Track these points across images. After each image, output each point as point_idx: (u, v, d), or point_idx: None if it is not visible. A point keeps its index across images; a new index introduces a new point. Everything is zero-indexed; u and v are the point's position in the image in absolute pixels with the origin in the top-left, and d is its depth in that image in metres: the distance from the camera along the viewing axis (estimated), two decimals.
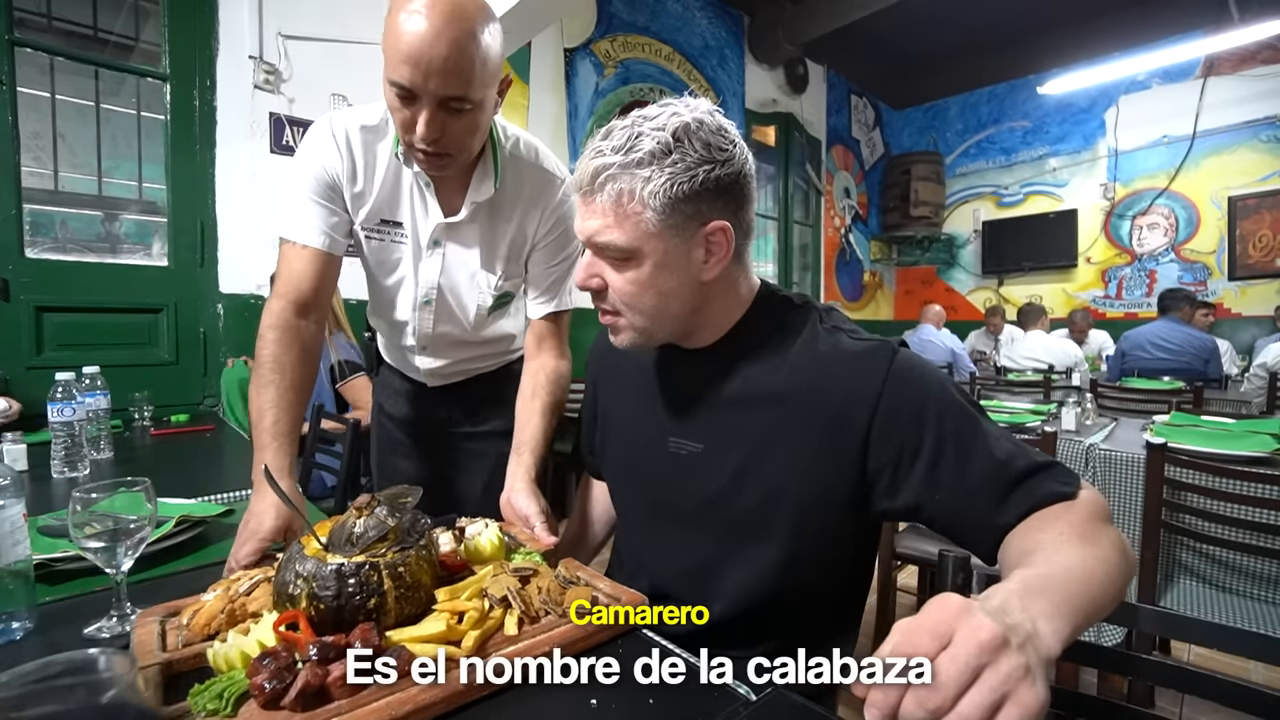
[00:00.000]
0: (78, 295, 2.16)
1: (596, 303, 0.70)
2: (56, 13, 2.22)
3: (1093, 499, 0.61)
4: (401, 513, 0.61)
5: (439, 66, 0.78)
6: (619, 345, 0.72)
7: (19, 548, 0.63)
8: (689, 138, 0.62)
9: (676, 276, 0.66)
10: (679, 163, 0.61)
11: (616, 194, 0.62)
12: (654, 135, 0.61)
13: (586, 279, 0.69)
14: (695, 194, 0.62)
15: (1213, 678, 0.58)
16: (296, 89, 2.56)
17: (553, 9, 2.33)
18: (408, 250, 1.04)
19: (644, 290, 0.66)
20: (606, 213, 0.64)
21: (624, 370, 0.85)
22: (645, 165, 0.61)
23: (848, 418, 0.65)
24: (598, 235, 0.65)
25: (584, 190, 0.65)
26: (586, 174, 0.64)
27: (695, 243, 0.65)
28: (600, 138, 0.65)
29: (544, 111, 3.54)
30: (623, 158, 0.62)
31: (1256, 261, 4.78)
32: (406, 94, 0.82)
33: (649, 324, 0.69)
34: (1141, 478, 1.47)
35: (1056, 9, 4.84)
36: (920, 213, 6.13)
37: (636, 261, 0.65)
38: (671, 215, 0.63)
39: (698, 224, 0.64)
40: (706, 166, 0.62)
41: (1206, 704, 1.48)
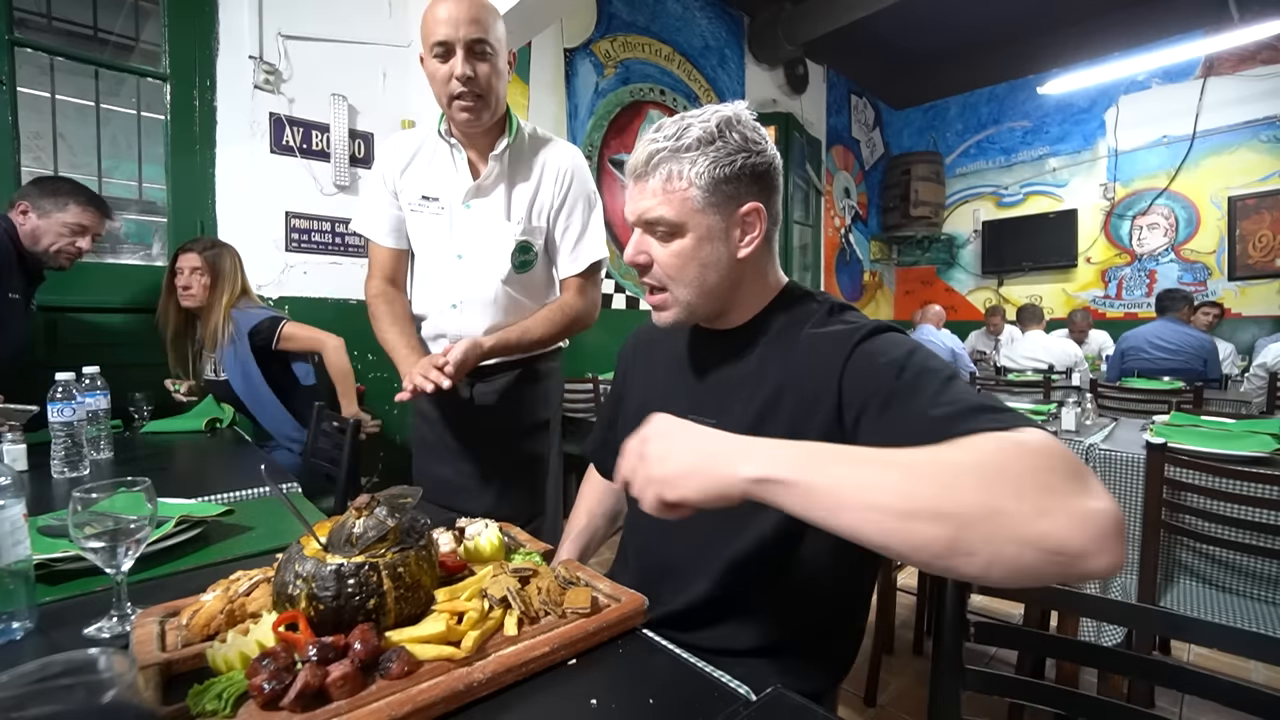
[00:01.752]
0: (78, 295, 2.15)
1: (643, 278, 0.78)
2: (56, 13, 2.22)
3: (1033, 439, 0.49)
4: (401, 513, 0.61)
5: (465, 18, 1.12)
6: (662, 323, 0.79)
7: (19, 548, 0.63)
8: (730, 129, 0.71)
9: (716, 251, 0.73)
10: (721, 149, 0.70)
11: (666, 174, 0.71)
12: (701, 125, 0.71)
13: (635, 254, 0.76)
14: (734, 177, 0.71)
15: (1213, 678, 0.58)
16: (296, 89, 2.56)
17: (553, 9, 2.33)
18: (445, 217, 1.29)
19: (688, 262, 0.73)
20: (657, 192, 0.72)
21: (657, 359, 0.91)
22: (692, 150, 0.70)
23: (826, 387, 0.68)
24: (649, 212, 0.73)
25: (637, 174, 0.74)
26: (641, 159, 0.73)
27: (733, 221, 0.73)
28: (653, 130, 0.74)
29: (544, 112, 3.54)
30: (673, 143, 0.71)
31: (1256, 261, 4.78)
32: (444, 49, 1.14)
33: (691, 296, 0.75)
34: (1141, 478, 1.47)
35: (1056, 9, 4.84)
36: (920, 213, 6.13)
37: (681, 235, 0.73)
38: (714, 194, 0.71)
39: (735, 204, 0.72)
40: (744, 154, 0.71)
41: (1206, 704, 1.48)
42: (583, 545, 1.00)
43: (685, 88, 4.36)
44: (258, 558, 0.85)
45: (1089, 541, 0.42)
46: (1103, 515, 0.43)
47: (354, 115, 2.72)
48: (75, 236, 1.74)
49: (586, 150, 3.79)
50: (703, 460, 0.52)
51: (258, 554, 0.86)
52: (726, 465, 0.51)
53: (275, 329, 1.99)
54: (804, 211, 5.49)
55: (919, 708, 1.73)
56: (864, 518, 0.46)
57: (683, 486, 0.52)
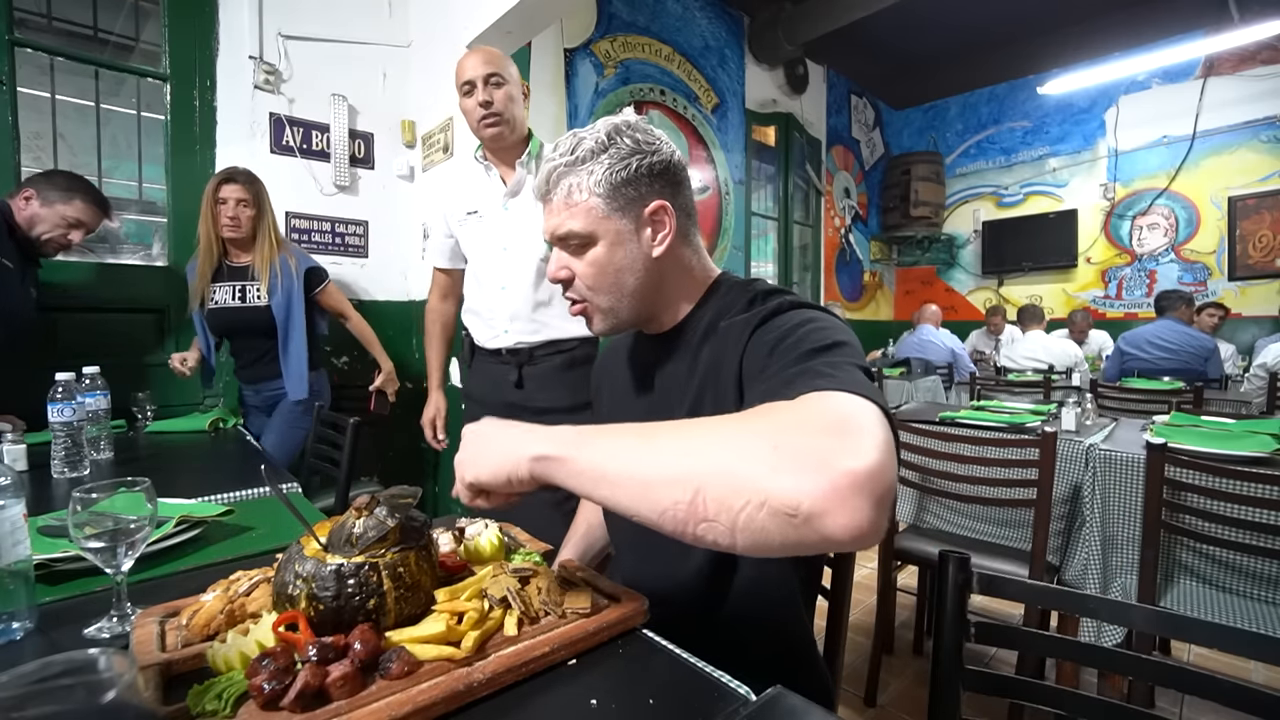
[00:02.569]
0: (78, 295, 2.15)
1: (567, 295, 0.79)
2: (56, 13, 2.22)
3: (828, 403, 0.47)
4: (401, 513, 0.61)
5: (481, 60, 1.52)
6: (594, 332, 0.81)
7: (19, 548, 0.63)
8: (620, 135, 0.74)
9: (629, 254, 0.75)
10: (615, 155, 0.73)
11: (567, 189, 0.74)
12: (592, 137, 0.73)
13: (556, 271, 0.78)
14: (633, 179, 0.73)
15: (1213, 678, 0.58)
16: (296, 89, 2.56)
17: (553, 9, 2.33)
18: (487, 221, 1.60)
19: (603, 270, 0.75)
20: (561, 208, 0.74)
21: (618, 373, 0.93)
22: (587, 161, 0.73)
23: (732, 373, 0.69)
24: (559, 228, 0.75)
25: (542, 194, 0.76)
26: (542, 179, 0.76)
27: (642, 222, 0.75)
28: (550, 149, 0.76)
29: (544, 112, 3.54)
30: (569, 158, 0.73)
31: (1256, 262, 4.78)
32: (469, 86, 1.52)
33: (612, 302, 0.77)
34: (1141, 478, 1.47)
35: (1056, 9, 4.84)
36: (920, 213, 6.13)
37: (592, 244, 0.74)
38: (615, 199, 0.73)
39: (640, 205, 0.74)
40: (638, 156, 0.73)
41: (1206, 704, 1.49)
42: (580, 551, 1.00)
43: (685, 88, 4.36)
44: (258, 558, 0.85)
45: (819, 499, 0.39)
46: (840, 472, 0.39)
47: (354, 115, 2.72)
48: (70, 230, 1.74)
49: None
50: (499, 445, 0.56)
51: (258, 554, 0.86)
52: (516, 447, 0.54)
53: (324, 278, 2.13)
54: (804, 211, 5.49)
55: (919, 708, 1.73)
56: (619, 487, 0.47)
57: (477, 464, 0.56)
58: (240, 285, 2.00)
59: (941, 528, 1.86)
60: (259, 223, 1.99)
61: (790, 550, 0.41)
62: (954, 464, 1.70)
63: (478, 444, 0.58)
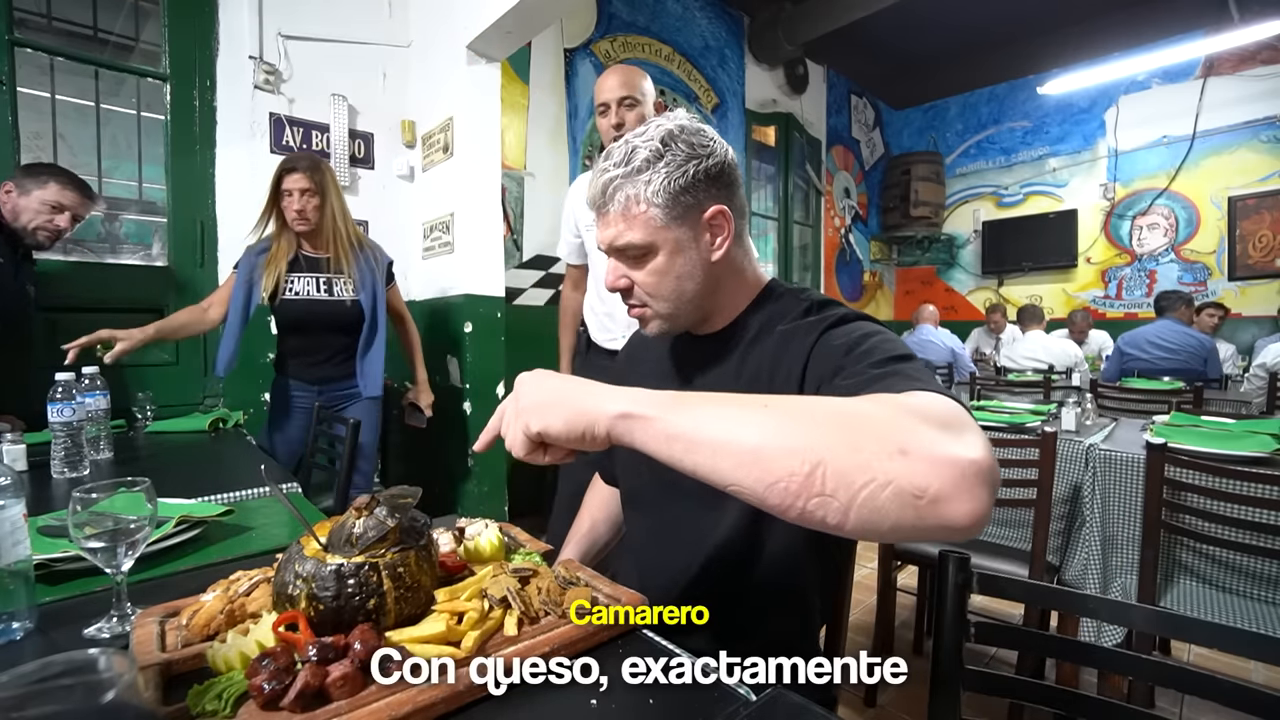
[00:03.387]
0: (78, 295, 2.15)
1: (626, 300, 0.79)
2: (56, 13, 2.22)
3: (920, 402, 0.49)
4: (401, 513, 0.61)
5: (617, 82, 1.66)
6: (650, 334, 0.81)
7: (19, 548, 0.63)
8: (674, 141, 0.72)
9: (689, 261, 0.75)
10: (671, 162, 0.71)
11: (624, 201, 0.72)
12: (646, 146, 0.72)
13: (614, 281, 0.78)
14: (690, 186, 0.72)
15: (1213, 678, 0.58)
16: (296, 89, 2.56)
17: (553, 9, 2.33)
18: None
19: (663, 278, 0.75)
20: (619, 220, 0.73)
21: (646, 366, 0.93)
22: (644, 170, 0.71)
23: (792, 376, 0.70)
24: (616, 240, 0.74)
25: (597, 206, 0.75)
26: (597, 191, 0.74)
27: (700, 228, 0.74)
28: (602, 159, 0.75)
29: (544, 111, 3.54)
30: (624, 169, 0.72)
31: (1256, 262, 4.78)
32: (605, 108, 1.67)
33: (672, 308, 0.77)
34: (1141, 478, 1.47)
35: (1056, 9, 4.84)
36: (920, 213, 6.13)
37: (653, 255, 0.74)
38: (674, 207, 0.72)
39: (699, 211, 0.73)
40: (694, 161, 0.72)
41: (1206, 704, 1.48)
42: (583, 550, 1.00)
43: (685, 88, 4.36)
44: (258, 558, 0.85)
45: (948, 484, 0.40)
46: (967, 461, 0.41)
47: (354, 115, 2.72)
48: (54, 214, 1.73)
49: (586, 150, 3.79)
50: (572, 394, 0.53)
51: (258, 554, 0.86)
52: (595, 400, 0.51)
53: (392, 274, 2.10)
54: (804, 211, 5.49)
55: (919, 708, 1.73)
56: (720, 454, 0.45)
57: (548, 415, 0.52)
58: (325, 278, 1.91)
59: None
60: (325, 210, 1.87)
61: (896, 535, 0.42)
62: None
63: (547, 394, 0.54)
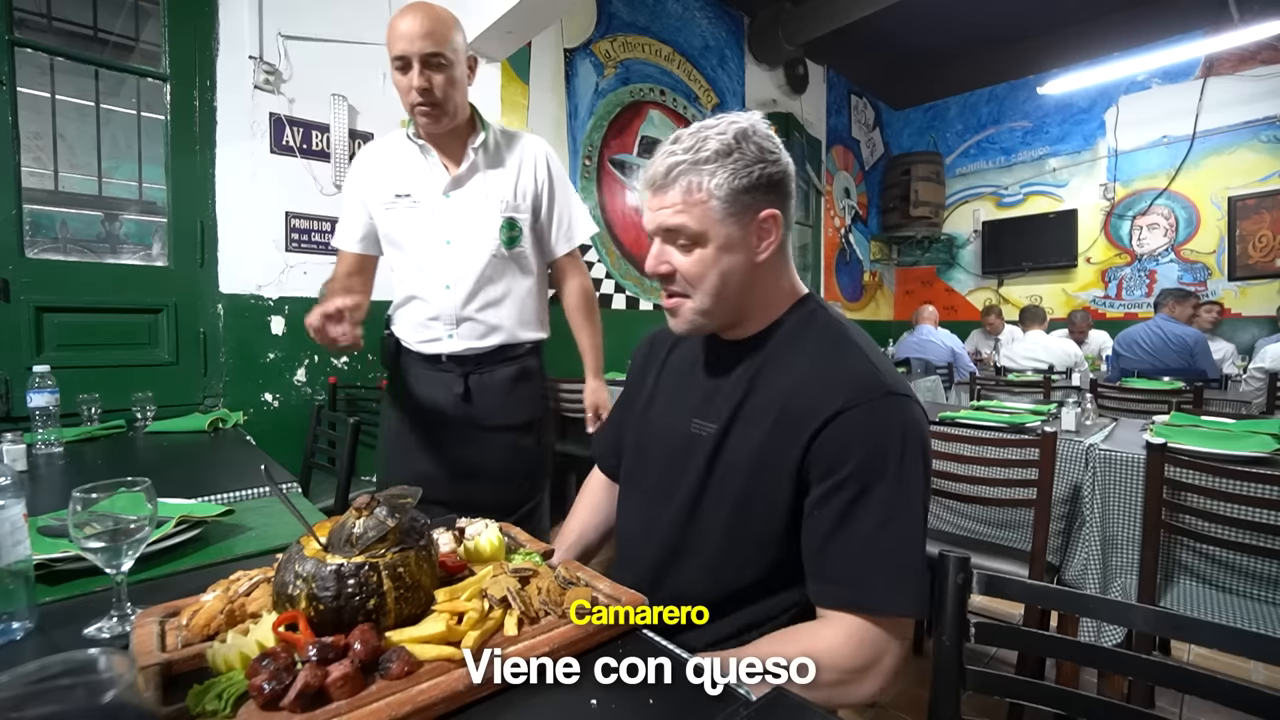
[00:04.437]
0: (78, 295, 2.15)
1: (666, 286, 0.79)
2: (56, 13, 2.22)
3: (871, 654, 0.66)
4: (401, 513, 0.61)
5: (420, 33, 1.22)
6: (678, 329, 0.81)
7: (19, 548, 0.63)
8: (746, 141, 0.73)
9: (736, 258, 0.75)
10: (739, 160, 0.72)
11: (686, 186, 0.73)
12: (718, 138, 0.73)
13: (657, 265, 0.77)
14: (752, 187, 0.73)
15: (1213, 678, 0.58)
16: (296, 89, 2.56)
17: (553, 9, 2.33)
18: (423, 209, 1.36)
19: (709, 269, 0.75)
20: (677, 203, 0.73)
21: (668, 364, 0.94)
22: (711, 162, 0.72)
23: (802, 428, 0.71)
24: (668, 221, 0.74)
25: (656, 185, 0.75)
26: (660, 170, 0.74)
27: (751, 229, 0.75)
28: (670, 142, 0.75)
29: (544, 111, 3.54)
30: (692, 156, 0.72)
31: (1256, 262, 4.78)
32: (403, 63, 1.25)
33: (710, 303, 0.77)
34: (1141, 478, 1.47)
35: (1056, 9, 4.84)
36: (920, 213, 6.12)
37: (702, 244, 0.74)
38: (733, 204, 0.73)
39: (753, 213, 0.74)
40: (760, 165, 0.73)
41: (1206, 704, 1.48)
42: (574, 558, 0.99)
43: (685, 88, 4.36)
44: (258, 558, 0.85)
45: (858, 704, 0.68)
46: (867, 698, 0.67)
47: (354, 115, 2.72)
48: None
49: (586, 150, 3.79)
50: None
51: (258, 554, 0.86)
52: None
53: None
54: (804, 211, 5.49)
55: (919, 707, 1.73)
56: None
57: None
58: None
59: (941, 528, 1.86)
60: None
61: None
62: (954, 464, 1.69)
63: None
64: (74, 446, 1.64)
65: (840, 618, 0.68)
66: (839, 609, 0.68)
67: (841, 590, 0.68)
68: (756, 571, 0.76)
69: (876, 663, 0.66)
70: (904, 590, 0.66)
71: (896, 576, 0.66)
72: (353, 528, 0.59)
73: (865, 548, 0.67)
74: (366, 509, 0.60)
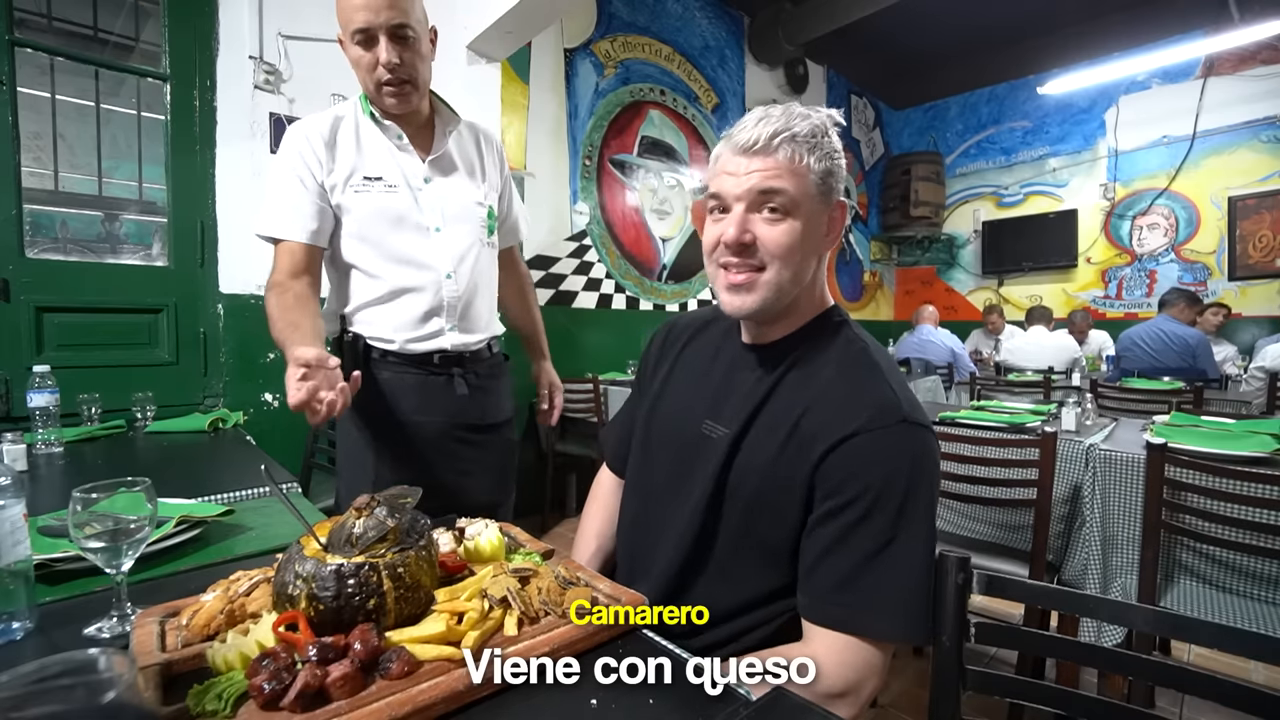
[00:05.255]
0: (78, 295, 2.15)
1: (743, 258, 0.75)
2: (56, 13, 2.22)
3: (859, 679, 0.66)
4: (401, 513, 0.61)
5: (384, 3, 1.10)
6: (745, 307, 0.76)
7: (19, 548, 0.63)
8: (830, 132, 0.76)
9: (815, 237, 0.76)
10: (828, 145, 0.75)
11: (791, 153, 0.72)
12: (808, 123, 0.73)
13: (740, 234, 0.74)
14: (835, 172, 0.75)
15: (1213, 678, 0.58)
16: (296, 89, 2.56)
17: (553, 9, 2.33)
18: (400, 194, 1.23)
19: (792, 244, 0.74)
20: (781, 166, 0.72)
21: (684, 359, 0.92)
22: (808, 140, 0.73)
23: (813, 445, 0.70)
24: (769, 181, 0.72)
25: (756, 149, 0.73)
26: (763, 134, 0.72)
27: (827, 215, 0.77)
28: (762, 112, 0.74)
29: (544, 111, 3.54)
30: (793, 129, 0.72)
31: (1256, 262, 4.78)
32: (365, 36, 1.13)
33: (782, 280, 0.75)
34: (1141, 478, 1.47)
35: (1056, 9, 4.84)
36: (920, 213, 6.12)
37: (794, 215, 0.74)
38: (823, 183, 0.74)
39: (834, 198, 0.76)
40: (838, 156, 0.76)
41: (1206, 704, 1.48)
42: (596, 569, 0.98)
43: (685, 88, 4.36)
44: (258, 558, 0.85)
45: None
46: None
47: None
48: None
49: (586, 150, 3.79)
50: None
51: (258, 554, 0.86)
52: None
53: None
54: None
55: (919, 707, 1.73)
56: None
57: None
58: None
59: (941, 528, 1.86)
60: None
61: None
62: (954, 464, 1.70)
63: None
64: (74, 446, 1.64)
65: (824, 635, 0.67)
66: (824, 626, 0.68)
67: (829, 608, 0.67)
68: (765, 582, 0.75)
69: (856, 690, 0.66)
70: (893, 614, 0.66)
71: (887, 599, 0.66)
72: (353, 528, 0.59)
73: (858, 569, 0.66)
74: (366, 509, 0.60)
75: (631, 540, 0.89)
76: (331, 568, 0.55)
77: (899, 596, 0.66)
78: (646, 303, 4.08)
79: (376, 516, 0.60)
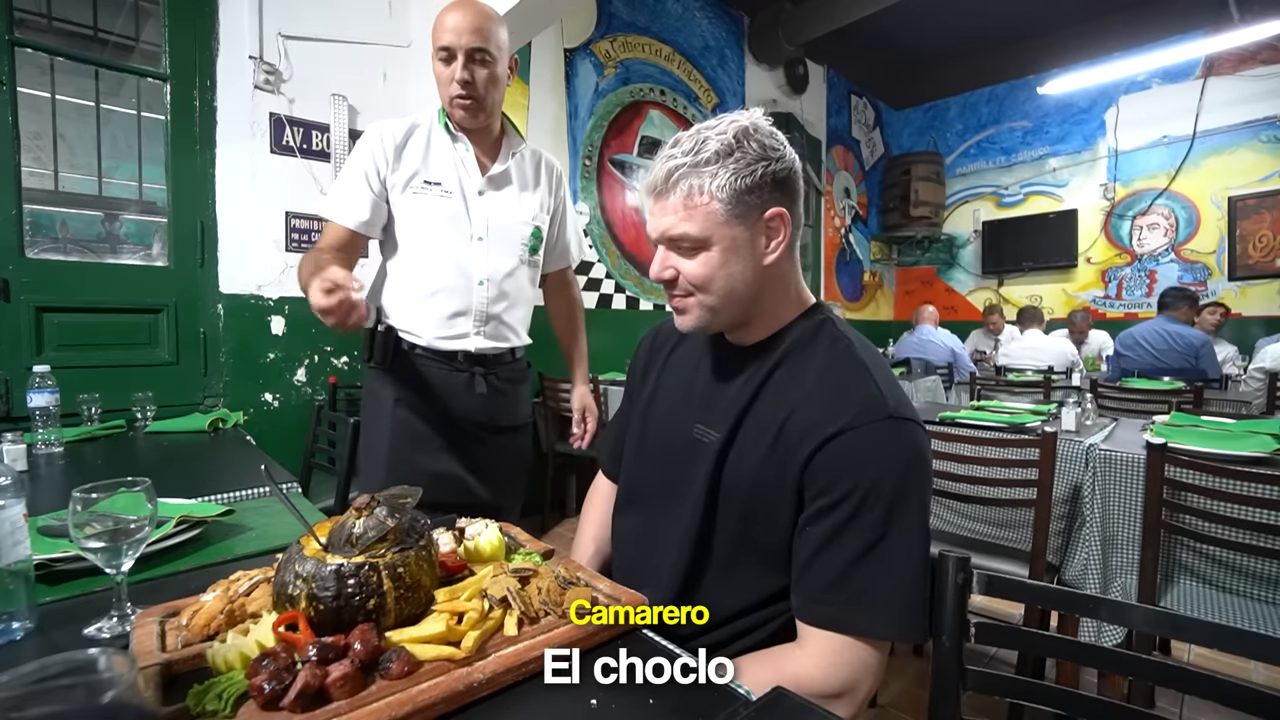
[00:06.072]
0: (78, 295, 2.15)
1: (670, 290, 0.78)
2: (56, 13, 2.22)
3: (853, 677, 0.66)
4: (401, 513, 0.61)
5: (467, 27, 1.23)
6: (685, 327, 0.79)
7: (19, 548, 0.63)
8: (747, 139, 0.71)
9: (742, 260, 0.73)
10: (741, 160, 0.70)
11: (687, 190, 0.71)
12: (718, 139, 0.71)
13: (661, 271, 0.76)
14: (756, 186, 0.71)
15: (1213, 678, 0.58)
16: (296, 89, 2.56)
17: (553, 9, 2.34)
18: (454, 200, 1.34)
19: (715, 273, 0.73)
20: (678, 209, 0.72)
21: (672, 364, 0.92)
22: (711, 164, 0.70)
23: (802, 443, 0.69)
24: (672, 229, 0.73)
25: (657, 191, 0.74)
26: (660, 176, 0.73)
27: (758, 230, 0.73)
28: (669, 146, 0.74)
29: (544, 111, 3.54)
30: (692, 158, 0.71)
31: (1256, 262, 4.78)
32: (447, 54, 1.25)
33: (718, 304, 0.75)
34: (1141, 478, 1.46)
35: (1056, 9, 4.84)
36: (920, 213, 6.12)
37: (706, 248, 0.73)
38: (736, 205, 0.71)
39: (759, 212, 0.72)
40: (764, 163, 0.71)
41: (1206, 704, 1.48)
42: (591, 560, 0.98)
43: (685, 88, 4.36)
44: (258, 558, 0.85)
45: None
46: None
47: (354, 115, 2.72)
48: None
49: (586, 150, 3.79)
50: None
51: (258, 554, 0.86)
52: None
53: None
54: (804, 212, 5.49)
55: (919, 707, 1.73)
56: None
57: None
58: None
59: (941, 528, 1.86)
60: None
61: None
62: (954, 464, 1.69)
63: None
64: (74, 446, 1.64)
65: (818, 636, 0.67)
66: (817, 626, 0.67)
67: (822, 607, 0.67)
68: (765, 584, 0.75)
69: (852, 690, 0.65)
70: (886, 612, 0.65)
71: (880, 597, 0.65)
72: (353, 528, 0.59)
73: (849, 568, 0.66)
74: (366, 509, 0.60)
75: (628, 548, 0.89)
76: (331, 568, 0.55)
77: (892, 594, 0.65)
78: (646, 303, 4.08)
79: (376, 516, 0.59)
